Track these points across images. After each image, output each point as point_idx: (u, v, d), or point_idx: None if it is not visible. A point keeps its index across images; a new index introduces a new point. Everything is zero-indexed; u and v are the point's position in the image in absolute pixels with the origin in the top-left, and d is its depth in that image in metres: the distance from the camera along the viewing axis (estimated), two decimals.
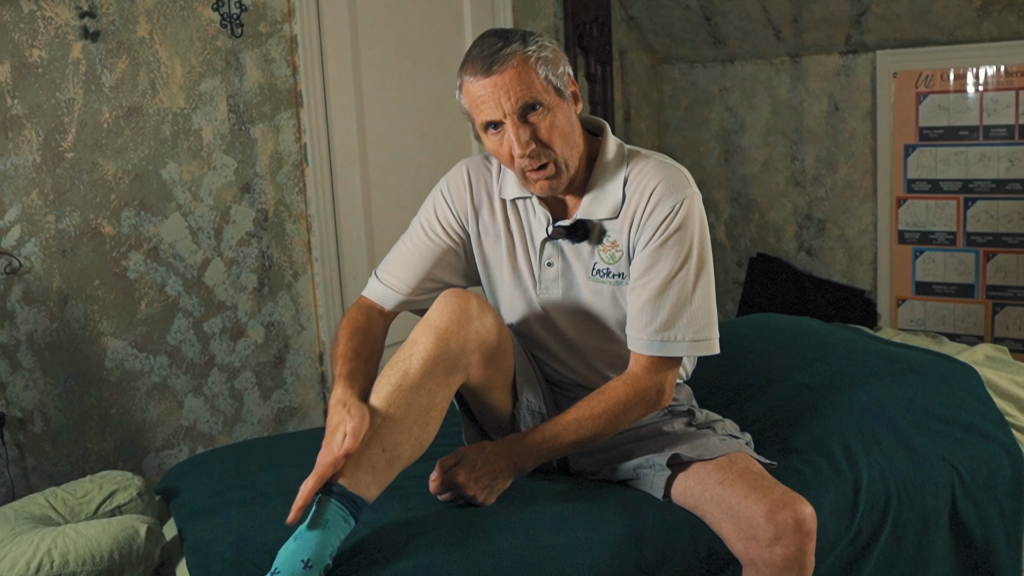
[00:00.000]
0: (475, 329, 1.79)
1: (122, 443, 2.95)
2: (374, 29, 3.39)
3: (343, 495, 1.64)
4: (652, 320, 1.86)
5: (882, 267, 4.05)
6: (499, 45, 1.79)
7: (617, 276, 1.91)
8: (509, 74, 1.77)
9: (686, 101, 4.59)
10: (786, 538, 1.68)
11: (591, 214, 1.91)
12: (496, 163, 2.02)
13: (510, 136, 1.80)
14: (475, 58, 1.80)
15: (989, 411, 2.21)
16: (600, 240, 1.92)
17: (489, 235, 2.00)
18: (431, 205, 2.04)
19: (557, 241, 1.94)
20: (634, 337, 1.89)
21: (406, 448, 1.73)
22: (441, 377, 1.76)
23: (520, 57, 1.78)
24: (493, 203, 2.00)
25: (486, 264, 2.03)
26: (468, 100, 1.83)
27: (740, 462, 1.81)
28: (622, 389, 1.88)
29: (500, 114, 1.79)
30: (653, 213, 1.85)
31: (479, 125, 1.84)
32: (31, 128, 2.71)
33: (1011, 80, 3.64)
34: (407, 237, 2.05)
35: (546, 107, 1.80)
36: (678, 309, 1.85)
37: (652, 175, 1.88)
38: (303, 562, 1.58)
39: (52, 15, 2.71)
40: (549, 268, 1.95)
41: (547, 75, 1.81)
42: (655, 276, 1.85)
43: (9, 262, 2.70)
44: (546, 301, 1.97)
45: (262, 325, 3.21)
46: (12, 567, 1.73)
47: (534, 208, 1.96)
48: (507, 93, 1.77)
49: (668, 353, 1.88)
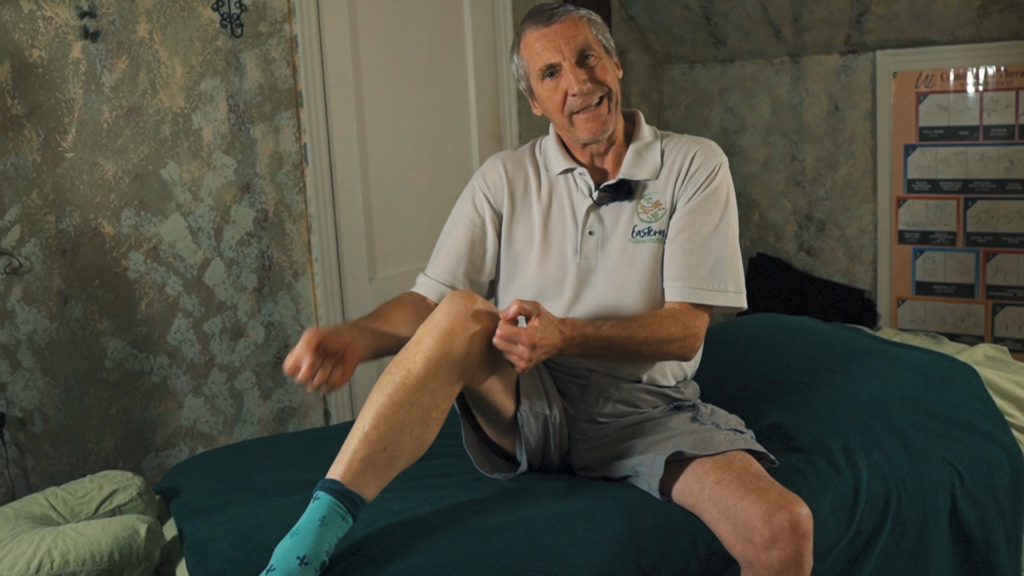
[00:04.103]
0: (479, 330, 1.80)
1: (122, 443, 2.95)
2: (374, 29, 3.39)
3: (341, 493, 1.64)
4: (698, 269, 1.98)
5: (882, 267, 4.05)
6: (555, 6, 2.02)
7: (659, 233, 2.03)
8: (567, 23, 1.99)
9: (686, 101, 4.59)
10: (782, 540, 1.68)
11: (633, 175, 2.05)
12: (529, 150, 2.16)
13: (568, 77, 1.97)
14: (535, 14, 2.02)
15: (989, 411, 2.21)
16: (640, 201, 2.04)
17: (523, 218, 2.11)
18: (468, 196, 2.16)
19: (599, 209, 2.05)
20: (678, 286, 1.99)
21: (407, 447, 1.73)
22: (444, 377, 1.76)
23: (575, 15, 2.01)
24: (530, 187, 2.12)
25: (512, 247, 2.12)
26: (527, 51, 2.02)
27: (738, 462, 1.81)
28: (672, 316, 1.96)
29: (560, 57, 1.97)
30: (697, 172, 2.02)
31: (536, 73, 2.01)
32: (31, 128, 2.71)
33: (1011, 80, 3.64)
34: (447, 232, 2.17)
35: (598, 56, 2.00)
36: (720, 261, 1.99)
37: (689, 144, 2.07)
38: (299, 559, 1.58)
39: (52, 15, 2.71)
40: (590, 237, 2.05)
41: (598, 34, 2.03)
42: (699, 229, 1.99)
43: (9, 262, 2.70)
44: (583, 271, 2.05)
45: (262, 325, 3.22)
46: (12, 567, 1.73)
47: (576, 181, 2.08)
48: (566, 39, 1.98)
49: (710, 301, 1.99)
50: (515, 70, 2.08)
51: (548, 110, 2.04)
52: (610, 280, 2.03)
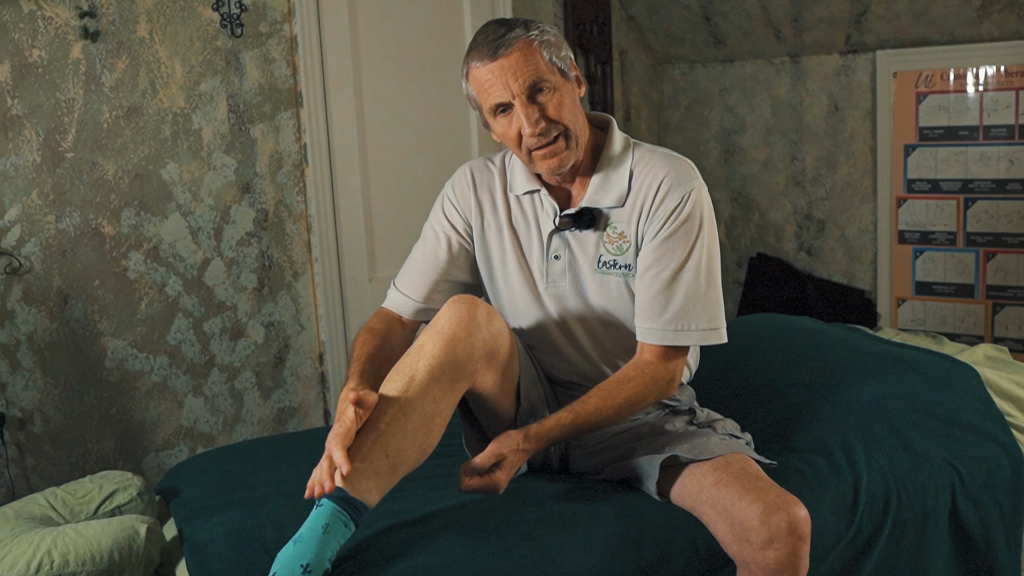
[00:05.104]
0: (482, 336, 1.79)
1: (122, 443, 2.95)
2: (374, 29, 3.39)
3: (344, 500, 1.64)
4: (664, 310, 1.88)
5: (882, 267, 4.05)
6: (503, 31, 1.84)
7: (624, 268, 1.93)
8: (515, 56, 1.82)
9: (686, 101, 4.59)
10: (779, 541, 1.68)
11: (596, 202, 1.94)
12: (499, 162, 2.06)
13: (519, 116, 1.84)
14: (480, 44, 1.85)
15: (989, 411, 2.21)
16: (605, 230, 1.94)
17: (492, 233, 2.03)
18: (439, 208, 2.08)
19: (564, 233, 1.96)
20: (646, 328, 1.91)
21: (409, 454, 1.72)
22: (447, 383, 1.76)
23: (524, 41, 1.83)
24: (496, 201, 2.03)
25: (489, 262, 2.05)
26: (475, 86, 1.87)
27: (736, 463, 1.81)
28: (637, 378, 1.90)
29: (509, 95, 1.83)
30: (663, 204, 1.89)
31: (487, 109, 1.88)
32: (31, 128, 2.71)
33: (1011, 80, 3.64)
34: (419, 244, 2.09)
35: (552, 87, 1.85)
36: (690, 299, 1.88)
37: (659, 167, 1.92)
38: (302, 567, 1.57)
39: (52, 15, 2.71)
40: (556, 261, 1.97)
41: (551, 57, 1.86)
42: (666, 266, 1.88)
43: (9, 262, 2.70)
44: (553, 295, 1.98)
45: (262, 325, 3.22)
46: (12, 567, 1.73)
47: (542, 201, 1.99)
48: (514, 75, 1.82)
49: (681, 342, 1.90)
50: (467, 98, 1.94)
51: (506, 144, 1.93)
52: (581, 305, 1.98)
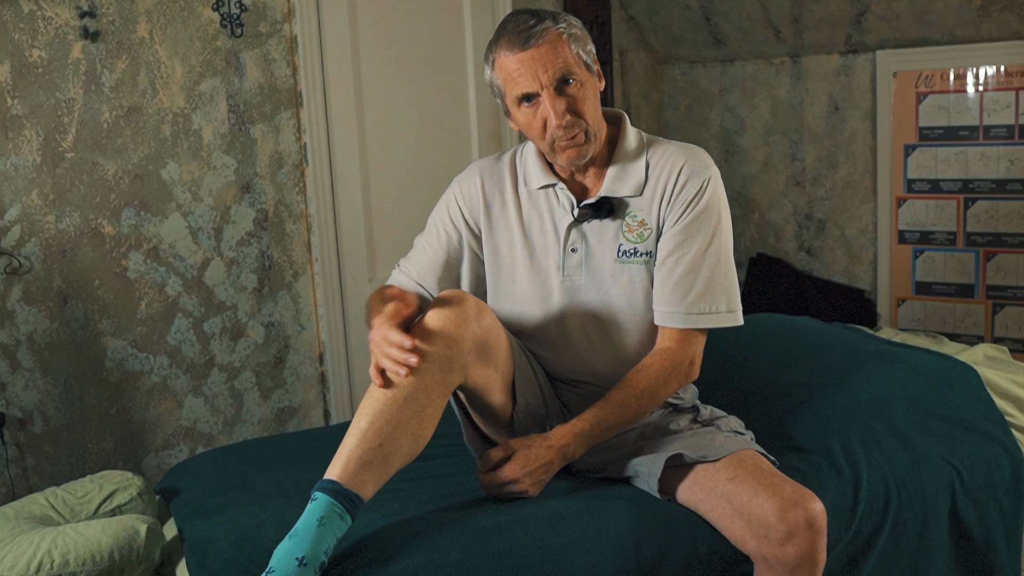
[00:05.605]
0: (472, 330, 1.80)
1: (122, 443, 2.95)
2: (374, 29, 3.39)
3: (339, 492, 1.64)
4: (688, 294, 1.91)
5: (882, 267, 4.05)
6: (532, 22, 1.86)
7: (645, 255, 1.96)
8: (545, 48, 1.84)
9: (686, 101, 4.59)
10: (798, 536, 1.69)
11: (615, 192, 1.96)
12: (508, 160, 2.07)
13: (546, 107, 1.86)
14: (510, 33, 1.86)
15: (989, 411, 2.21)
16: (624, 219, 1.96)
17: (501, 230, 2.04)
18: (444, 206, 2.09)
19: (581, 226, 1.98)
20: (668, 312, 1.93)
21: (403, 444, 1.73)
22: (437, 376, 1.76)
23: (554, 33, 1.85)
24: (506, 199, 2.04)
25: (497, 261, 2.05)
26: (502, 75, 1.89)
27: (749, 459, 1.82)
28: (659, 364, 1.92)
29: (537, 86, 1.85)
30: (684, 190, 1.92)
31: (512, 99, 1.90)
32: (31, 128, 2.71)
33: (1011, 80, 3.64)
34: (424, 237, 2.10)
35: (579, 80, 1.87)
36: (712, 282, 1.92)
37: (676, 155, 1.96)
38: (297, 560, 1.58)
39: (52, 15, 2.71)
40: (573, 255, 1.98)
41: (578, 51, 1.88)
42: (688, 251, 1.92)
43: (9, 262, 2.70)
44: (567, 288, 1.99)
45: (262, 325, 3.21)
46: (12, 567, 1.73)
47: (557, 195, 2.00)
48: (544, 66, 1.84)
49: (703, 325, 1.93)
50: (489, 85, 1.95)
51: (527, 134, 1.95)
52: (596, 298, 1.98)
